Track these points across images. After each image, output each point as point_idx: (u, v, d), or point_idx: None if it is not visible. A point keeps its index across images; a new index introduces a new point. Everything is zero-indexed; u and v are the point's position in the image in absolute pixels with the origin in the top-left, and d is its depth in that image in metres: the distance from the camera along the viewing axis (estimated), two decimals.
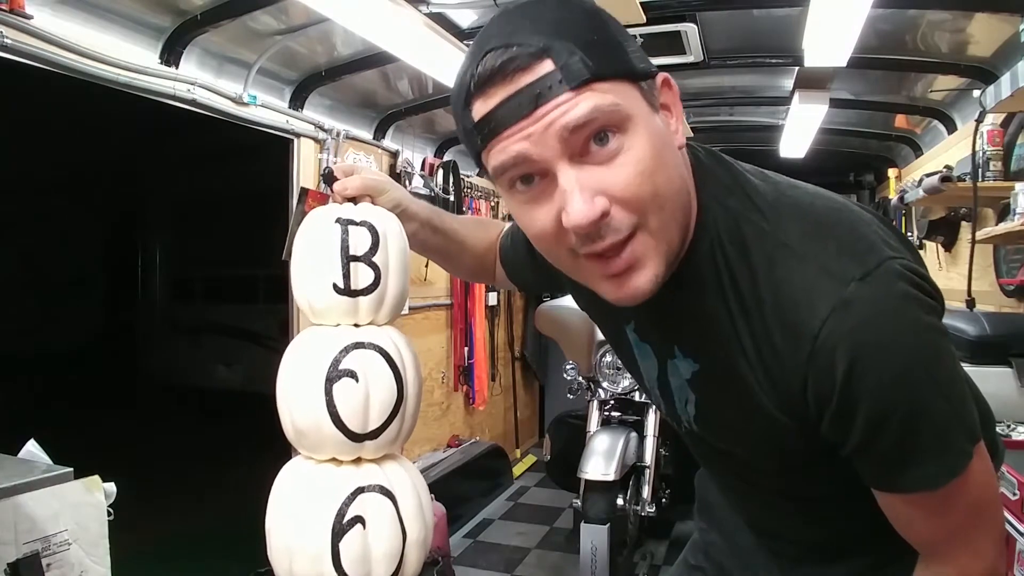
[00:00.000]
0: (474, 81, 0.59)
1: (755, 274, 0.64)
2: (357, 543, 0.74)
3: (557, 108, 0.57)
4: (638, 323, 0.79)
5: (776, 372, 0.64)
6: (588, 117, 0.57)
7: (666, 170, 0.61)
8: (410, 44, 2.16)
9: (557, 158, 0.58)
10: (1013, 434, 1.66)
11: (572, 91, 0.57)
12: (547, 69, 0.57)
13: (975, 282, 2.57)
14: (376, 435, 0.77)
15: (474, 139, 0.62)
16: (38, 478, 1.12)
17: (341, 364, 0.76)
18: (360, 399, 0.76)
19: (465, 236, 1.05)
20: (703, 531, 1.04)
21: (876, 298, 0.59)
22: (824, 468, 0.69)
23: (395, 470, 0.81)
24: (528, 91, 0.57)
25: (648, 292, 0.63)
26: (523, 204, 0.63)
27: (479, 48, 0.60)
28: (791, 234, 0.64)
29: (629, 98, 0.59)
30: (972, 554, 0.66)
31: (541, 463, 4.19)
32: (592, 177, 0.59)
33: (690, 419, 0.78)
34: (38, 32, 1.73)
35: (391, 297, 0.82)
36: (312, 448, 0.79)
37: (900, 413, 0.59)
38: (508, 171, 0.61)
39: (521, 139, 0.59)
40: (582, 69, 0.57)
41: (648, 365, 0.81)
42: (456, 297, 3.92)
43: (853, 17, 1.94)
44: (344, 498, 0.75)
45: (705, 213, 0.67)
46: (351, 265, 0.78)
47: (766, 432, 0.69)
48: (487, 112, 0.59)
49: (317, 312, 0.81)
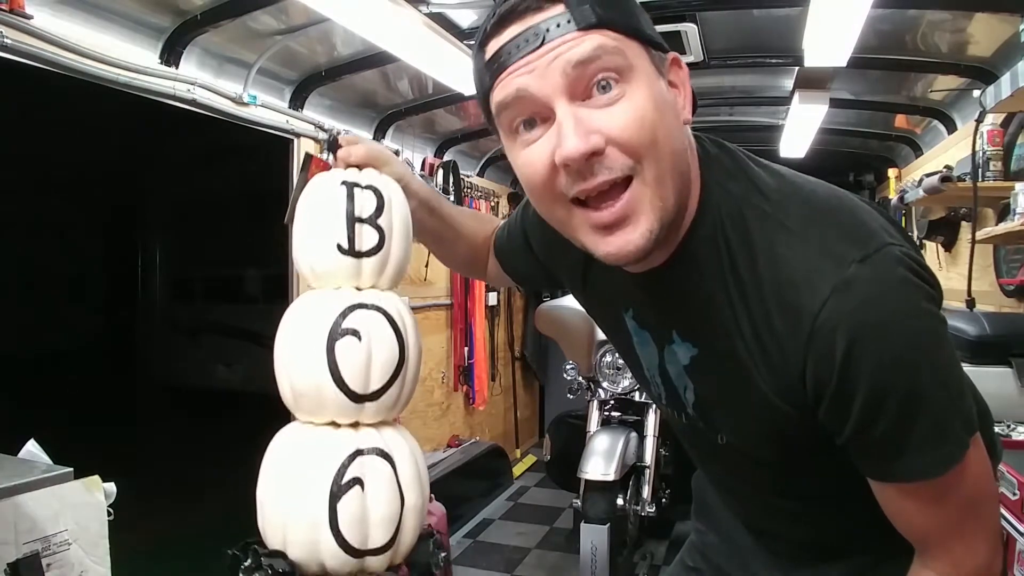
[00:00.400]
0: (490, 22, 0.63)
1: (756, 256, 0.64)
2: (355, 504, 0.73)
3: (563, 44, 0.59)
4: (636, 309, 0.79)
5: (775, 355, 0.64)
6: (592, 54, 0.59)
7: (666, 125, 0.62)
8: (410, 44, 2.16)
9: (557, 94, 0.60)
10: (1013, 434, 1.66)
11: (579, 31, 0.59)
12: (558, 10, 0.60)
13: (975, 282, 2.57)
14: (376, 396, 0.76)
15: (485, 80, 0.64)
16: (38, 478, 1.12)
17: (344, 323, 0.75)
18: (362, 358, 0.75)
19: (462, 224, 1.05)
20: (700, 532, 1.04)
21: (876, 280, 0.59)
22: (821, 461, 0.69)
23: (393, 436, 0.80)
24: (537, 28, 0.60)
25: (640, 247, 0.62)
26: (523, 149, 0.64)
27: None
28: (793, 218, 0.64)
29: (635, 53, 0.61)
30: (967, 548, 0.65)
31: (541, 463, 4.19)
32: (590, 116, 0.60)
33: (690, 406, 0.78)
34: (38, 32, 1.73)
35: (394, 261, 0.82)
36: (310, 410, 0.78)
37: (898, 396, 0.59)
38: (509, 107, 0.62)
39: (524, 73, 0.60)
40: (591, 14, 0.59)
41: (647, 353, 0.81)
42: (456, 297, 3.92)
43: (853, 17, 1.94)
44: (343, 459, 0.74)
45: (708, 196, 0.67)
46: (356, 226, 0.78)
47: (764, 419, 0.69)
48: (498, 48, 0.62)
49: (319, 275, 0.81)
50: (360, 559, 0.75)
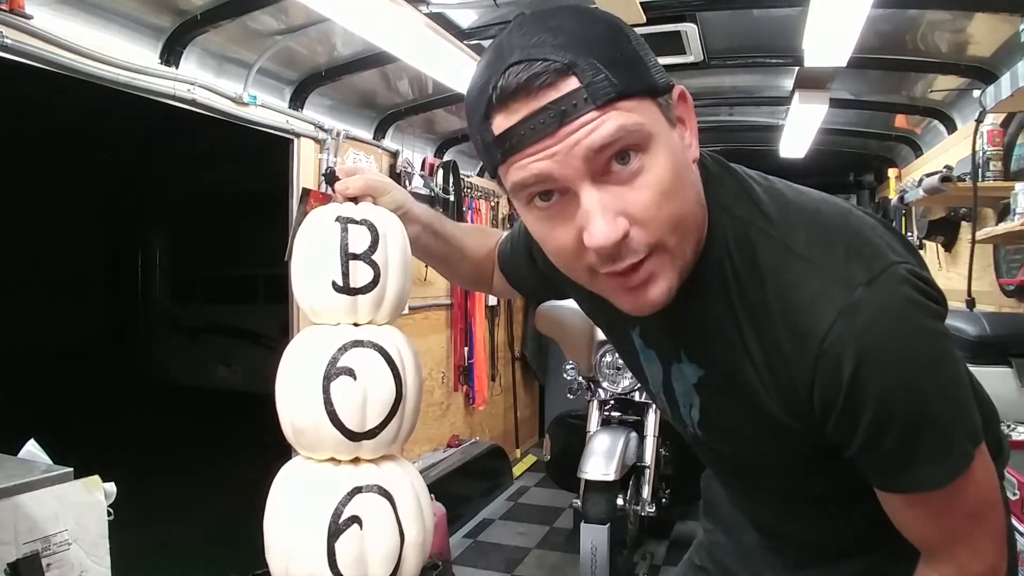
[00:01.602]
0: (496, 94, 0.59)
1: (763, 280, 0.65)
2: (353, 544, 0.74)
3: (583, 127, 0.57)
4: (643, 329, 0.80)
5: (782, 376, 0.65)
6: (613, 137, 0.57)
7: (684, 190, 0.62)
8: (410, 44, 2.16)
9: (580, 178, 0.58)
10: (1013, 434, 1.66)
11: (597, 110, 0.56)
12: (573, 86, 0.56)
13: (975, 282, 2.57)
14: (374, 434, 0.77)
15: (493, 153, 0.61)
16: (38, 478, 1.13)
17: (339, 362, 0.75)
18: (357, 397, 0.75)
19: (465, 243, 1.05)
20: (708, 532, 1.05)
21: (882, 303, 0.60)
22: (828, 469, 0.70)
23: (393, 470, 0.81)
24: (553, 108, 0.57)
25: (662, 303, 0.64)
26: (541, 220, 0.63)
27: (500, 59, 0.59)
28: (798, 240, 0.64)
29: (651, 116, 0.59)
30: (972, 554, 0.66)
31: (541, 463, 4.19)
32: (614, 198, 0.59)
33: (694, 424, 0.79)
34: (38, 32, 1.73)
35: (391, 296, 0.82)
36: (310, 447, 0.78)
37: (904, 415, 0.60)
38: (528, 188, 0.61)
39: (544, 158, 0.58)
40: (608, 88, 0.56)
41: (653, 370, 0.82)
42: (456, 297, 3.92)
43: (853, 17, 1.94)
44: (341, 497, 0.75)
45: (715, 221, 0.68)
46: (350, 263, 0.78)
47: (771, 435, 0.70)
48: (509, 127, 0.59)
49: (317, 311, 0.81)
50: None
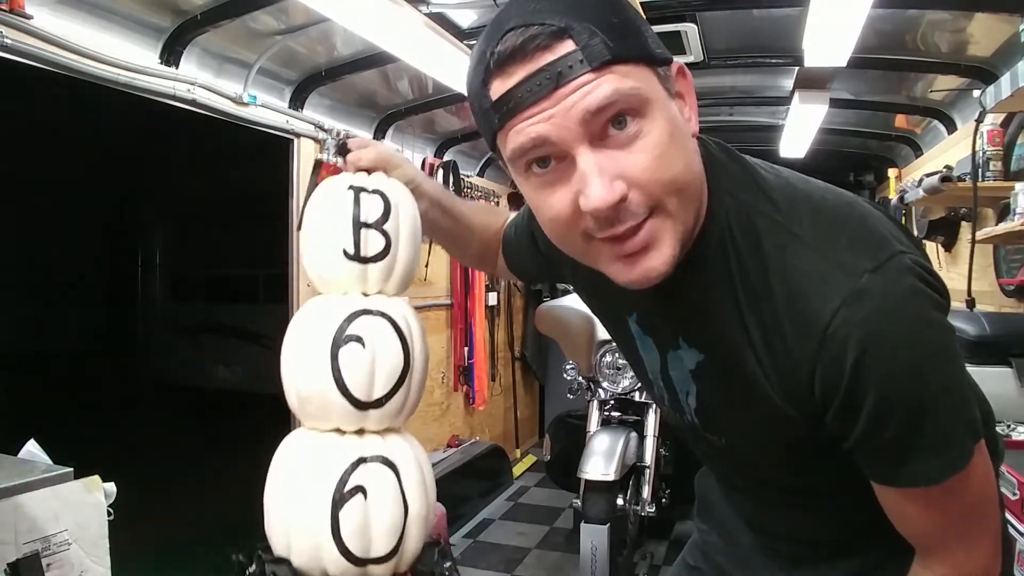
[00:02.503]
0: (493, 59, 0.59)
1: (766, 265, 0.64)
2: (357, 514, 0.73)
3: (579, 89, 0.57)
4: (640, 315, 0.79)
5: (783, 362, 0.64)
6: (609, 99, 0.57)
7: (683, 155, 0.61)
8: (410, 44, 2.16)
9: (577, 141, 0.58)
10: (1013, 434, 1.66)
11: (593, 72, 0.56)
12: (568, 49, 0.57)
13: (975, 282, 2.57)
14: (381, 404, 0.76)
15: (491, 119, 0.61)
16: (38, 478, 1.13)
17: (348, 329, 0.75)
18: (366, 365, 0.75)
19: (473, 221, 1.06)
20: (703, 532, 1.04)
21: (887, 290, 0.59)
22: (824, 462, 0.70)
23: (398, 443, 0.80)
24: (549, 70, 0.57)
25: (662, 273, 0.62)
26: (538, 187, 0.63)
27: (498, 27, 0.59)
28: (804, 226, 0.64)
29: (648, 82, 0.59)
30: (968, 551, 0.66)
31: (541, 463, 4.19)
32: (611, 161, 0.58)
33: (691, 411, 0.79)
34: (38, 32, 1.73)
35: (401, 267, 0.82)
36: (315, 417, 0.77)
37: (905, 405, 0.60)
38: (527, 153, 0.61)
39: (541, 120, 0.58)
40: (603, 50, 0.57)
41: (650, 357, 0.81)
42: (456, 297, 3.92)
43: (853, 17, 1.94)
44: (346, 466, 0.74)
45: (716, 204, 0.67)
46: (362, 231, 0.78)
47: (769, 423, 0.69)
48: (506, 91, 0.59)
49: (326, 280, 0.81)
50: (363, 568, 0.74)
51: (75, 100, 2.73)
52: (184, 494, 3.66)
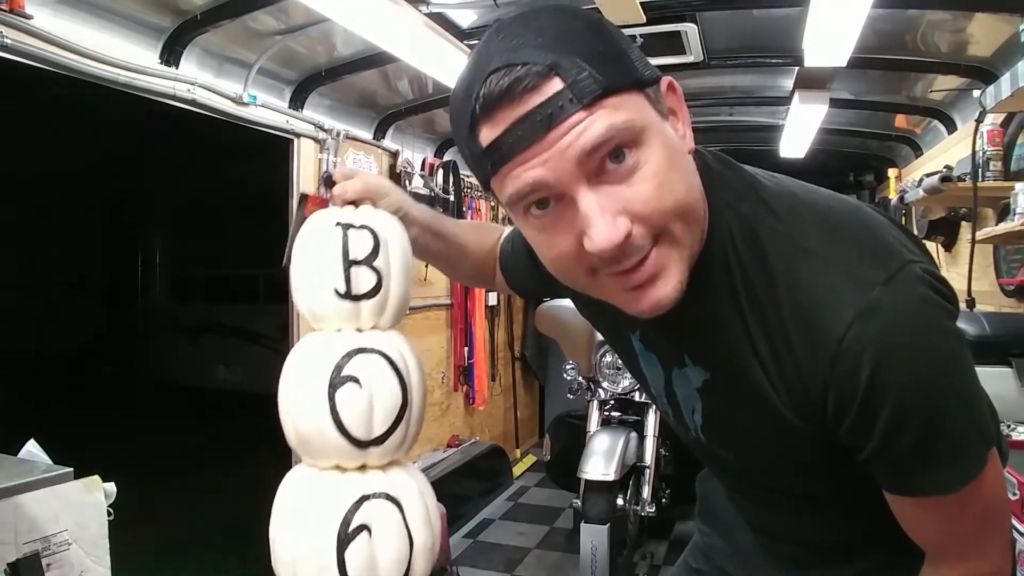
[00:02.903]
0: (479, 103, 0.57)
1: (772, 277, 0.63)
2: (363, 552, 0.73)
3: (571, 130, 0.55)
4: (644, 333, 0.78)
5: (793, 376, 0.63)
6: (604, 137, 0.55)
7: (683, 177, 0.60)
8: (410, 44, 2.16)
9: (575, 181, 0.57)
10: (1013, 434, 1.66)
11: (584, 110, 0.55)
12: (557, 88, 0.55)
13: (975, 282, 2.57)
14: (381, 441, 0.76)
15: (483, 165, 0.59)
16: (38, 478, 1.13)
17: (344, 370, 0.74)
18: (364, 405, 0.75)
19: (466, 241, 1.04)
20: (704, 534, 1.04)
21: (900, 304, 0.59)
22: (833, 471, 0.69)
23: (401, 477, 0.80)
24: (539, 112, 0.55)
25: (671, 301, 0.61)
26: (539, 229, 0.61)
27: (481, 68, 0.57)
28: (810, 237, 0.63)
29: (640, 110, 0.58)
30: (980, 557, 0.66)
31: (541, 463, 4.19)
32: (611, 198, 0.57)
33: (697, 428, 0.78)
34: (38, 32, 1.73)
35: (394, 301, 0.81)
36: (315, 455, 0.77)
37: (920, 416, 0.59)
38: (524, 198, 0.59)
39: (536, 165, 0.56)
40: (592, 85, 0.55)
41: (654, 374, 0.81)
42: (456, 297, 3.92)
43: (853, 17, 1.94)
44: (349, 506, 0.74)
45: (716, 217, 0.66)
46: (352, 269, 0.77)
47: (778, 438, 0.68)
48: (496, 138, 0.57)
49: (319, 318, 0.80)
50: None
51: (75, 100, 2.73)
52: (184, 494, 3.66)
